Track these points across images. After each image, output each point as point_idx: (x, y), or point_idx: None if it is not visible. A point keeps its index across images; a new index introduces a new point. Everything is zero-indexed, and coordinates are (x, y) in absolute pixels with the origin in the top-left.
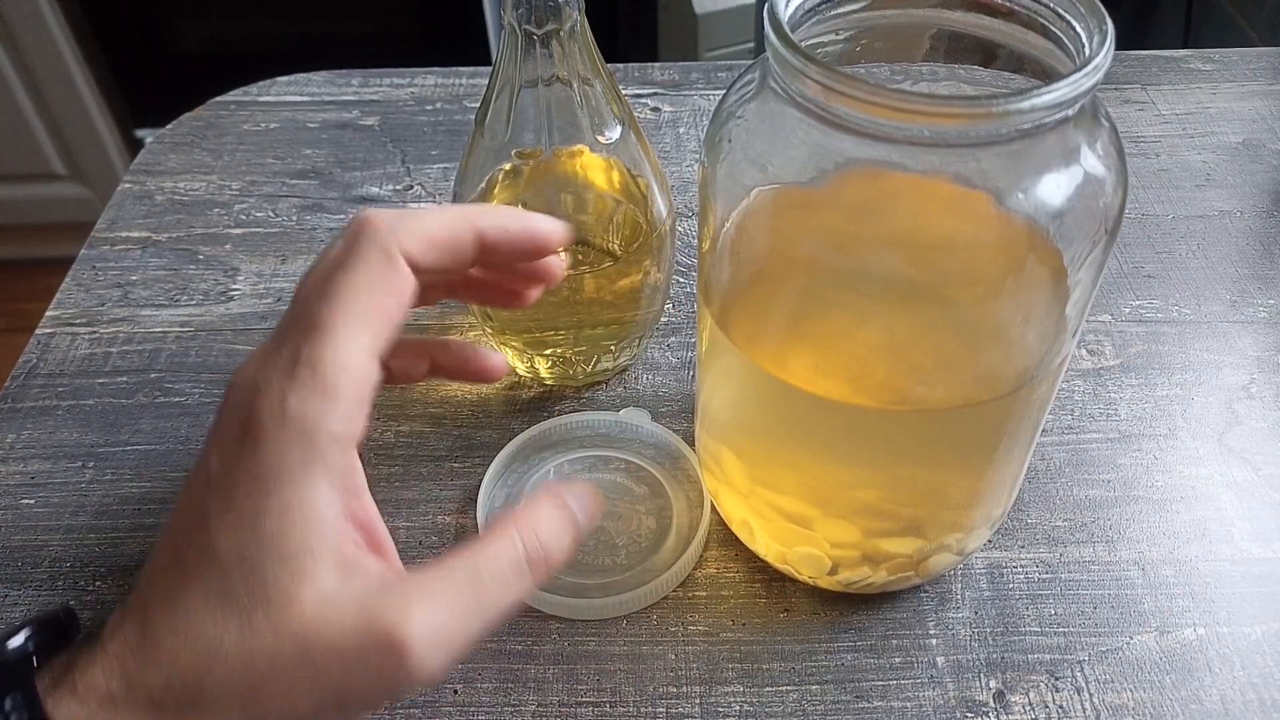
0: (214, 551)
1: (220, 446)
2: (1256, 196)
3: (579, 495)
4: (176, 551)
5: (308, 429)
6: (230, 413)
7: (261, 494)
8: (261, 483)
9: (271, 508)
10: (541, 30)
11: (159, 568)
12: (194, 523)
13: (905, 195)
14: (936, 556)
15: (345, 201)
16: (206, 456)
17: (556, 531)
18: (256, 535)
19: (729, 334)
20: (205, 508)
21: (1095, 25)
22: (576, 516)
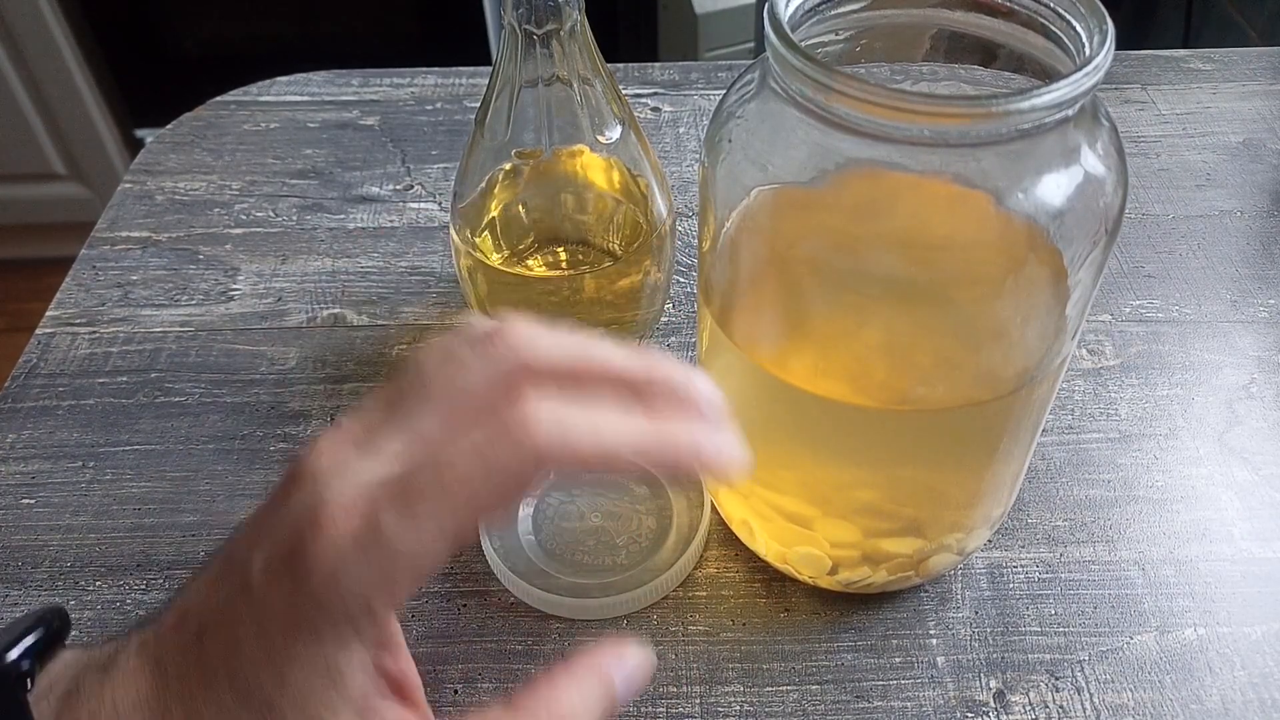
0: (238, 673)
1: (269, 558)
2: (1256, 196)
3: (628, 672)
4: (204, 637)
5: (350, 604)
6: (289, 514)
7: (293, 644)
8: (295, 631)
9: (300, 659)
10: (541, 30)
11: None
12: (226, 628)
13: (905, 195)
14: (937, 556)
15: (345, 201)
16: (253, 548)
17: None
18: (281, 683)
19: (729, 334)
20: (239, 618)
21: (1095, 25)
22: (615, 689)
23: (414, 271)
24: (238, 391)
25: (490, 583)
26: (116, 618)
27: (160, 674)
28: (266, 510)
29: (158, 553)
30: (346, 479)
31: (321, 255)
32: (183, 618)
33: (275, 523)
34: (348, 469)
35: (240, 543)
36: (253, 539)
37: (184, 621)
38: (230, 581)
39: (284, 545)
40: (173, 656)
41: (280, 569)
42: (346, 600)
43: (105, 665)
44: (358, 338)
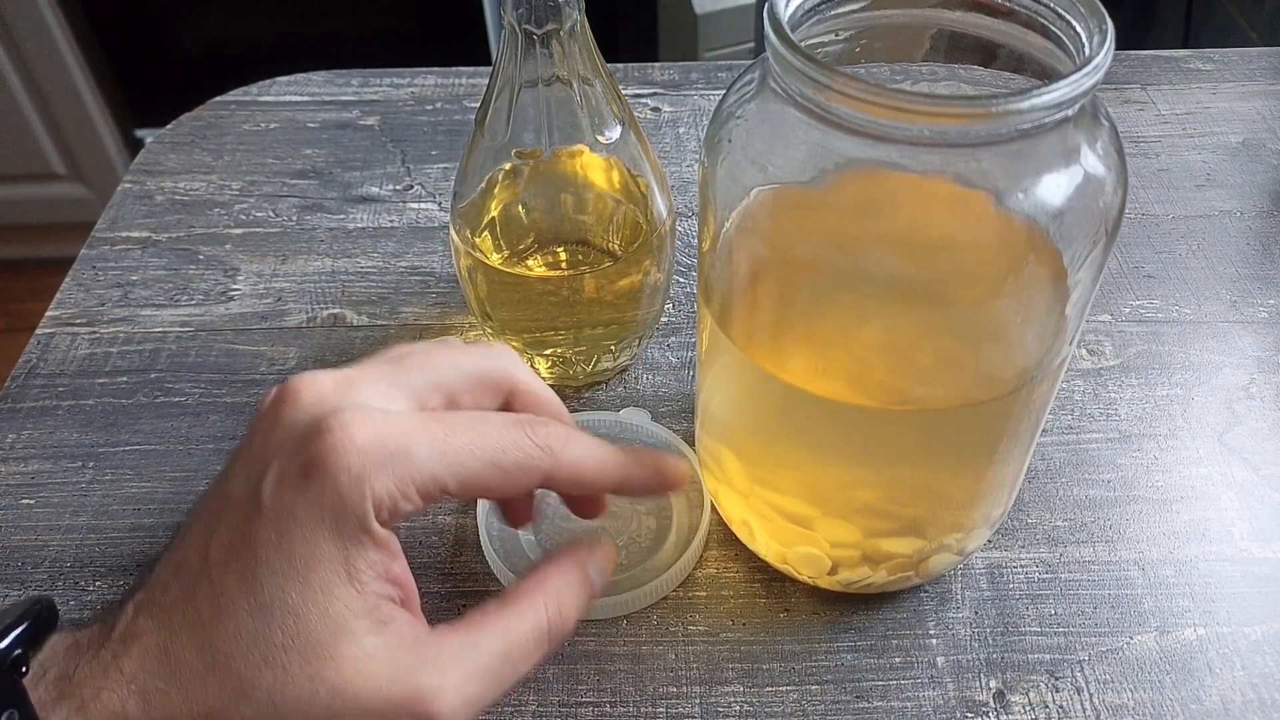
0: (256, 589)
1: (282, 473)
2: (1256, 196)
3: (599, 561)
4: (211, 571)
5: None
6: (288, 433)
7: (318, 545)
8: (316, 532)
9: (326, 559)
10: (541, 30)
11: (188, 582)
12: (239, 548)
13: (905, 195)
14: (936, 556)
15: (345, 201)
16: (258, 477)
17: (577, 602)
18: (306, 586)
19: (729, 334)
20: (255, 535)
21: (1095, 25)
22: (594, 584)
23: (414, 271)
24: (238, 391)
25: (490, 583)
26: None
27: (166, 625)
28: (255, 440)
29: (158, 553)
30: (349, 396)
31: (321, 255)
32: (179, 567)
33: (273, 444)
34: (331, 387)
35: (233, 478)
36: (250, 468)
37: (181, 569)
38: (235, 511)
39: (298, 457)
40: (177, 605)
41: (298, 478)
42: (373, 499)
43: (99, 640)
44: (358, 338)
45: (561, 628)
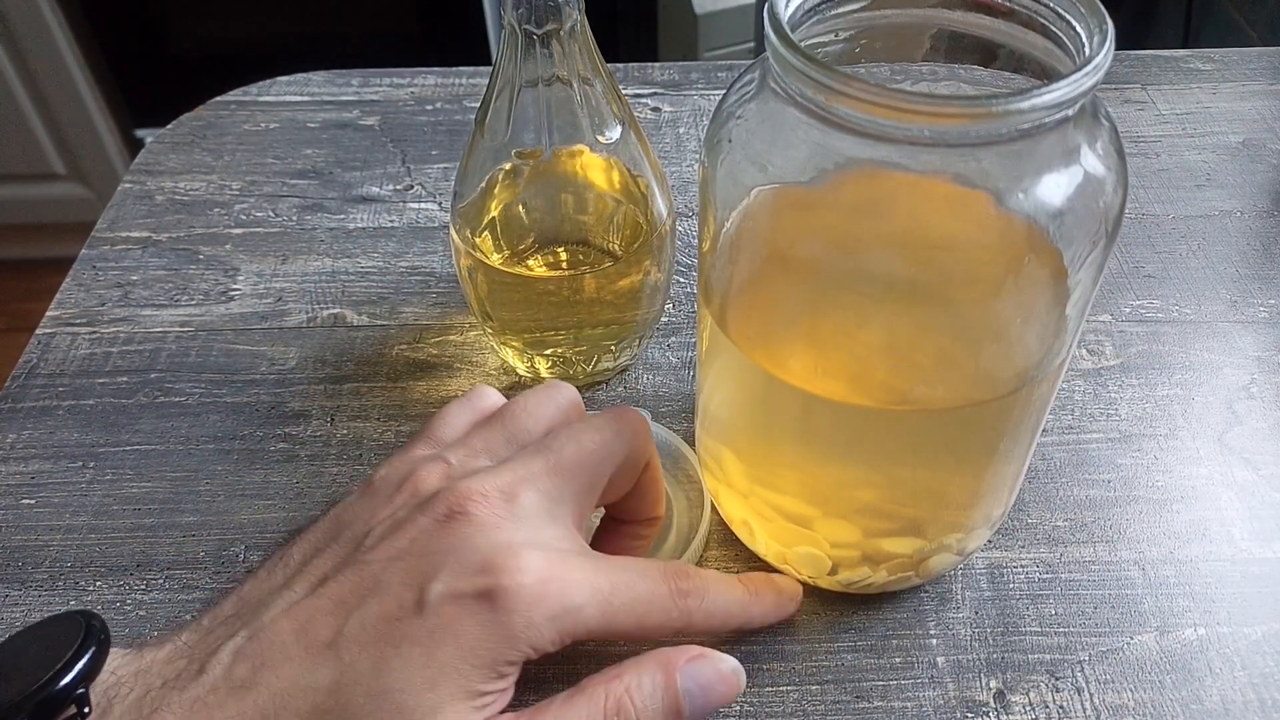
0: (384, 675)
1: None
2: (1256, 196)
3: (696, 674)
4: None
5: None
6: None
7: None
8: (469, 653)
9: (461, 675)
10: (541, 30)
11: (312, 648)
12: (384, 634)
13: (905, 195)
14: (937, 556)
15: (345, 201)
16: (422, 574)
17: (649, 708)
18: (432, 689)
19: (729, 334)
20: (405, 630)
21: (1095, 25)
22: (681, 701)
23: (414, 271)
24: (238, 391)
25: None
26: (116, 618)
27: (273, 686)
28: (413, 533)
29: (158, 553)
30: (521, 520)
31: (321, 255)
32: (305, 629)
33: (442, 551)
34: (517, 508)
35: (388, 564)
36: (408, 563)
37: (307, 632)
38: (388, 601)
39: (476, 580)
40: (289, 666)
41: (473, 600)
42: (531, 644)
43: (180, 678)
44: (358, 338)
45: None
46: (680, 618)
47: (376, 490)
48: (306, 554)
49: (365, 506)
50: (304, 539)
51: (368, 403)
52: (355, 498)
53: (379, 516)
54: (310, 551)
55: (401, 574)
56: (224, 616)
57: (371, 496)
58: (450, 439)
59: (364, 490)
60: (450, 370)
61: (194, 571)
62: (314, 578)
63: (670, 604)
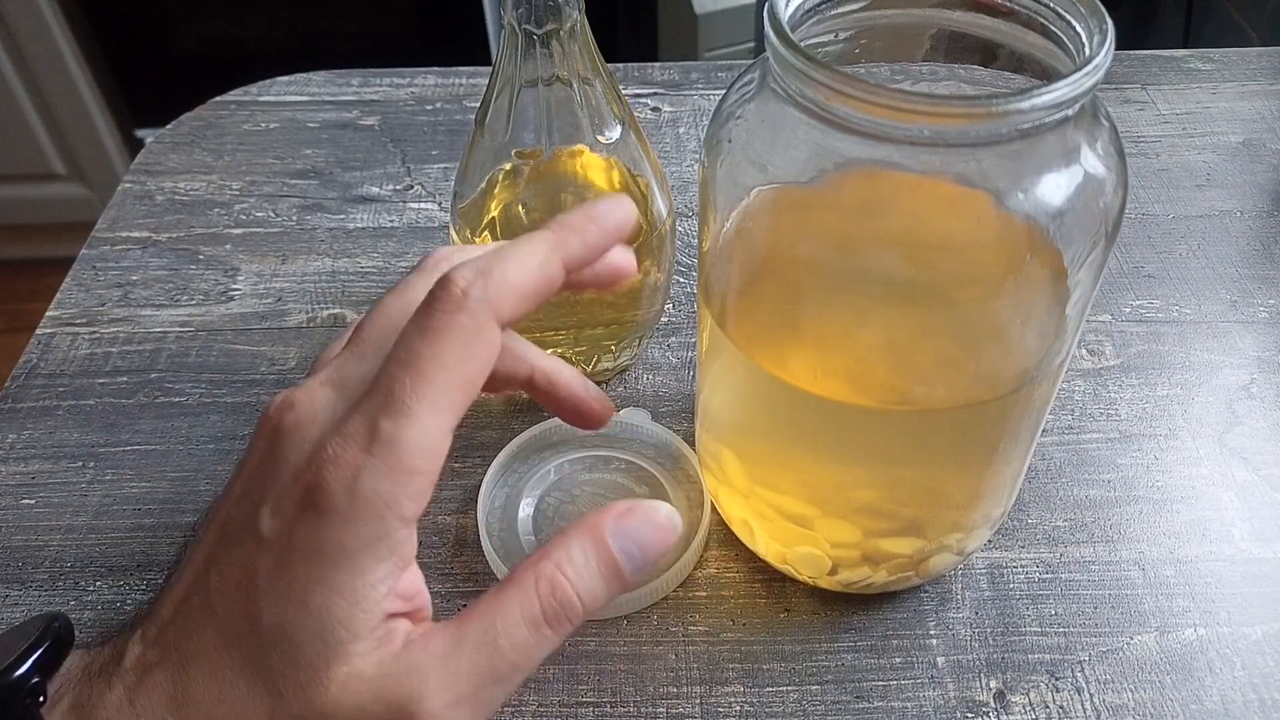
0: (257, 619)
1: (278, 506)
2: (1256, 196)
3: (629, 526)
4: (213, 603)
5: (379, 511)
6: (285, 465)
7: (318, 570)
8: (321, 558)
9: (325, 583)
10: (541, 30)
11: (194, 614)
12: (240, 579)
13: (905, 195)
14: (937, 556)
15: (345, 201)
16: (255, 507)
17: (584, 575)
18: (303, 610)
19: (729, 334)
20: (255, 567)
21: (1095, 25)
22: (618, 561)
23: None
24: (238, 391)
25: (490, 583)
26: (116, 618)
27: (174, 657)
28: (255, 472)
29: (158, 553)
30: (329, 414)
31: (321, 255)
32: (185, 598)
33: (270, 476)
34: (324, 408)
35: (234, 509)
36: (250, 499)
37: (187, 600)
38: (236, 543)
39: (292, 491)
40: (184, 635)
41: (295, 511)
42: (375, 508)
43: (109, 668)
44: None
45: (558, 608)
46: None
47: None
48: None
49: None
50: None
51: None
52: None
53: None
54: None
55: (241, 511)
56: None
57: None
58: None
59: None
60: None
61: (178, 560)
62: (189, 554)
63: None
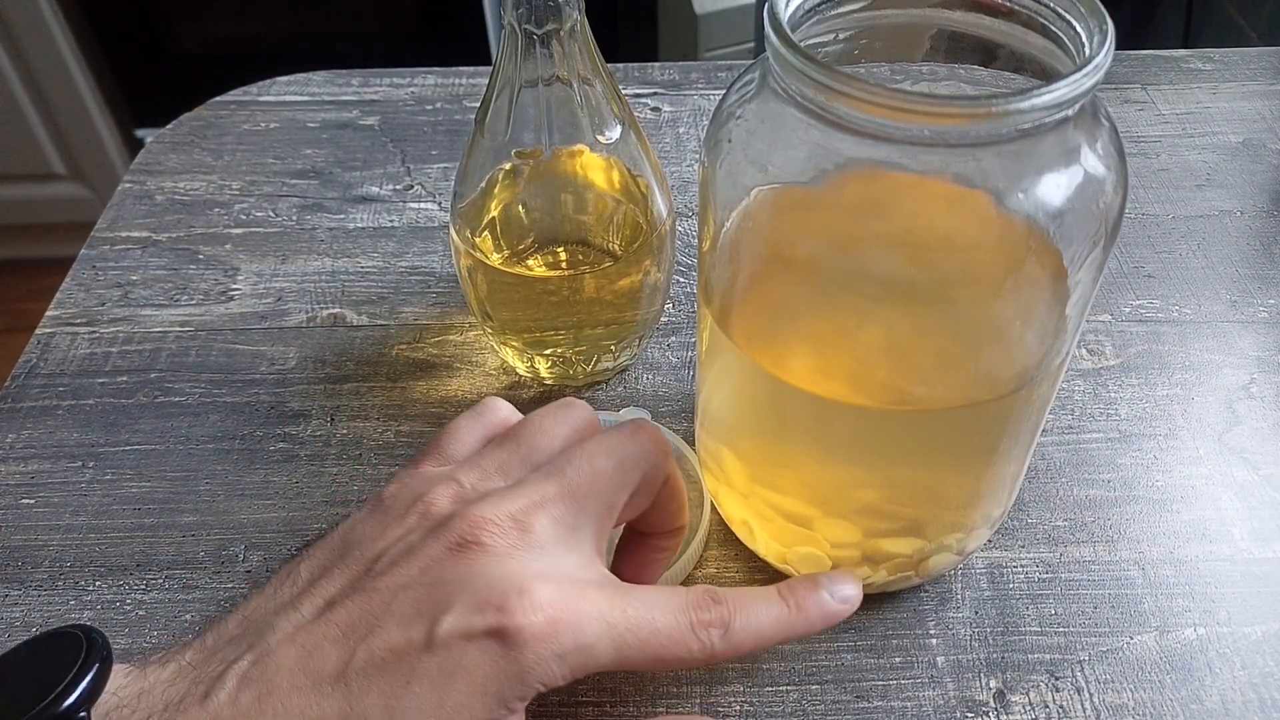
0: (395, 713)
1: (463, 621)
2: (1256, 196)
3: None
4: (351, 680)
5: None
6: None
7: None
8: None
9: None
10: (541, 30)
11: (317, 677)
12: (392, 668)
13: (905, 195)
14: (936, 556)
15: (345, 201)
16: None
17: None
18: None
19: (729, 334)
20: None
21: (1095, 25)
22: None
23: (414, 271)
24: (238, 391)
25: None
26: (116, 618)
27: (281, 715)
28: (424, 560)
29: (158, 553)
30: (535, 551)
31: (321, 255)
32: (309, 655)
33: (453, 583)
34: (532, 538)
35: (399, 592)
36: (418, 593)
37: (312, 659)
38: (395, 632)
39: (487, 616)
40: (295, 696)
41: (484, 637)
42: (543, 680)
43: (186, 704)
44: (358, 338)
45: None
46: (702, 651)
47: (387, 508)
48: (314, 572)
49: (375, 525)
50: (311, 555)
51: (367, 403)
52: (365, 514)
53: (389, 537)
54: (318, 570)
55: (411, 604)
56: (229, 635)
57: (382, 514)
58: (460, 456)
59: (374, 507)
60: (450, 370)
61: (194, 571)
62: (321, 600)
63: (690, 638)
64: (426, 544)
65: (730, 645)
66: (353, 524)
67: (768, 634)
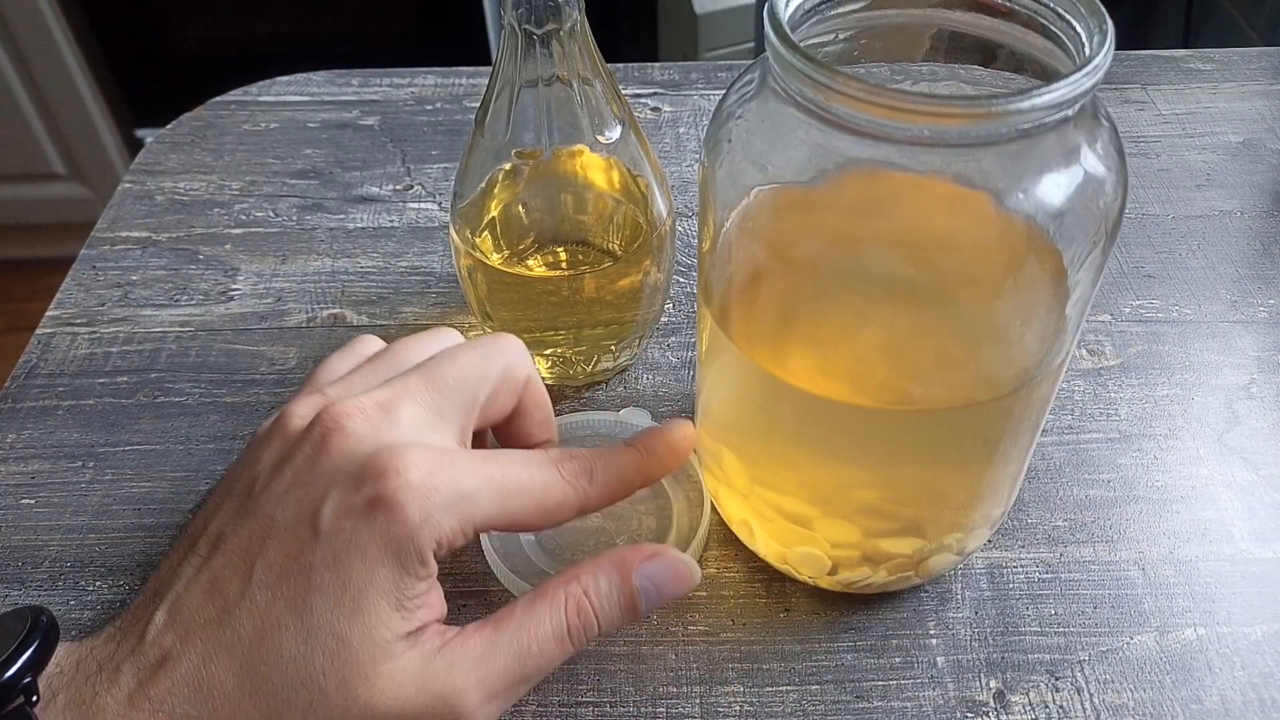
0: (307, 613)
1: (342, 505)
2: (1256, 196)
3: (653, 568)
4: (255, 593)
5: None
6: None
7: (373, 571)
8: (378, 560)
9: (378, 585)
10: (541, 30)
11: (227, 602)
12: (291, 570)
13: (905, 195)
14: (936, 556)
15: (345, 201)
16: (315, 502)
17: (607, 606)
18: (355, 609)
19: (729, 334)
20: (309, 561)
21: (1095, 25)
22: (637, 600)
23: (414, 271)
24: (238, 391)
25: (490, 583)
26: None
27: (199, 647)
28: (297, 463)
29: (158, 553)
30: (399, 429)
31: (321, 255)
32: (214, 585)
33: (325, 472)
34: (395, 420)
35: (273, 499)
36: (297, 492)
37: (218, 587)
38: (285, 535)
39: (362, 491)
40: (213, 625)
41: (364, 511)
42: (435, 538)
43: (116, 659)
44: None
45: (583, 631)
46: (577, 495)
47: (257, 440)
48: (206, 518)
49: (248, 458)
50: (203, 507)
51: None
52: (240, 457)
53: (262, 460)
54: (209, 515)
55: (293, 507)
56: (147, 596)
57: (253, 447)
58: (332, 380)
59: (247, 447)
60: None
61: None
62: (214, 536)
63: (563, 483)
64: (294, 451)
65: (599, 487)
66: (231, 466)
67: (628, 475)
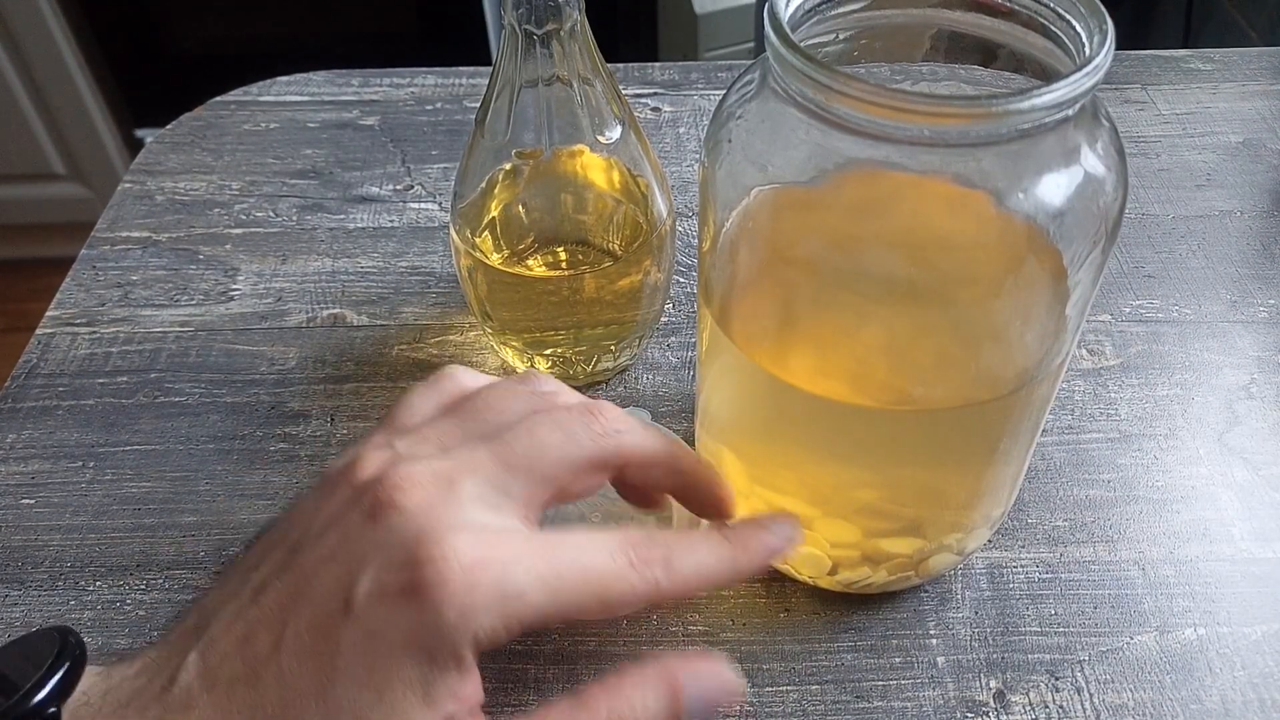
0: (330, 695)
1: (379, 585)
2: (1256, 196)
3: (703, 689)
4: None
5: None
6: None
7: (401, 662)
8: (407, 651)
9: (405, 679)
10: (541, 30)
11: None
12: (319, 645)
13: (905, 195)
14: (936, 556)
15: (345, 201)
16: (350, 575)
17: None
18: (378, 700)
19: (729, 334)
20: (337, 641)
21: (1095, 25)
22: (682, 697)
23: (414, 271)
24: (238, 391)
25: None
26: (116, 618)
27: (224, 707)
28: (346, 528)
29: (158, 553)
30: (455, 508)
31: (321, 255)
32: (245, 641)
33: (369, 545)
34: (455, 496)
35: (320, 566)
36: (338, 561)
37: (248, 645)
38: (318, 605)
39: (401, 574)
40: (238, 685)
41: (398, 596)
42: (473, 637)
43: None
44: (358, 338)
45: None
46: (647, 588)
47: (323, 483)
48: (259, 556)
49: (311, 501)
50: (261, 541)
51: (368, 403)
52: (307, 492)
53: (320, 512)
54: (261, 554)
55: (333, 575)
56: (187, 629)
57: (318, 490)
58: (409, 425)
59: (316, 484)
60: None
61: (194, 571)
62: (256, 584)
63: (631, 574)
64: (346, 513)
65: (675, 580)
66: (297, 502)
67: (711, 570)
